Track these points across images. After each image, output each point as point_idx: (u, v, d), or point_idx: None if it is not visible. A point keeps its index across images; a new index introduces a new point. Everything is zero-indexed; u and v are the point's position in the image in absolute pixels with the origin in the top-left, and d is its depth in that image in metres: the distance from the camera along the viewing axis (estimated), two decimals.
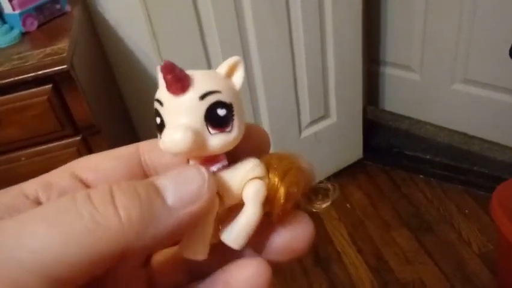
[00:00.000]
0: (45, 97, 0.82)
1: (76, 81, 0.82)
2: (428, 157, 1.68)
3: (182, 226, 0.18)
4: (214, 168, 0.20)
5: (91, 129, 0.89)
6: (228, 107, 0.19)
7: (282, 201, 0.20)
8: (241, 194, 0.20)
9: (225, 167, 0.20)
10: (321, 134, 1.53)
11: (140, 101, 1.39)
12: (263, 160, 0.21)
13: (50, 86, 0.82)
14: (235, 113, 0.19)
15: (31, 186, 0.20)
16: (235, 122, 0.19)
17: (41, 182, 0.20)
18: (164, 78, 0.19)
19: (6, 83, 0.79)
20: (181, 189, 0.18)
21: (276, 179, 0.20)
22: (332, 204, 1.60)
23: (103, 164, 0.22)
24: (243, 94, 1.18)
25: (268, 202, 0.20)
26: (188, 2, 1.09)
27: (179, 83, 0.19)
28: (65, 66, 0.80)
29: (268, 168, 0.20)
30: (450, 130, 1.70)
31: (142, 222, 0.16)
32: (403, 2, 1.61)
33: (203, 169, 0.18)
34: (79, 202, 0.16)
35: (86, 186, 0.21)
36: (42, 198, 0.19)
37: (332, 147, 1.59)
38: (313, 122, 1.50)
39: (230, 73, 0.20)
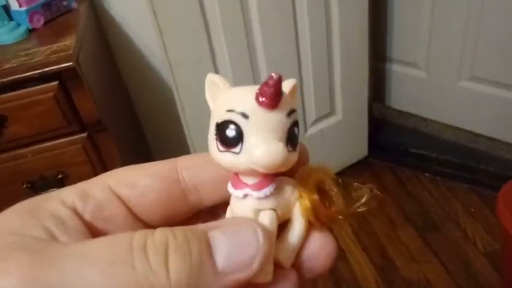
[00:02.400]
0: (51, 94, 0.82)
1: (82, 78, 0.83)
2: (434, 155, 1.67)
3: None
4: (274, 186, 0.20)
5: (97, 126, 0.90)
6: (299, 126, 0.19)
7: (326, 210, 0.20)
8: (287, 214, 0.20)
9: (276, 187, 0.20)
10: (326, 131, 1.53)
11: (146, 97, 1.40)
12: (300, 173, 0.21)
13: (56, 82, 0.82)
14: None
15: (69, 196, 0.20)
16: (298, 143, 0.20)
17: (79, 191, 0.20)
18: (267, 91, 0.18)
19: (13, 79, 0.80)
20: (234, 254, 0.17)
21: (315, 196, 0.20)
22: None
23: (140, 181, 0.21)
24: None
25: (313, 214, 0.20)
26: None
27: (278, 98, 0.18)
28: (71, 63, 0.80)
29: (307, 181, 0.20)
30: (456, 128, 1.70)
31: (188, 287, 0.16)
32: None
33: (260, 234, 0.18)
34: (136, 254, 0.16)
35: (121, 200, 0.21)
36: (80, 209, 0.20)
37: (337, 145, 1.58)
38: (318, 119, 1.50)
39: (290, 94, 0.21)
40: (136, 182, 0.21)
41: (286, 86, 0.20)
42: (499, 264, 1.26)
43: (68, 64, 0.80)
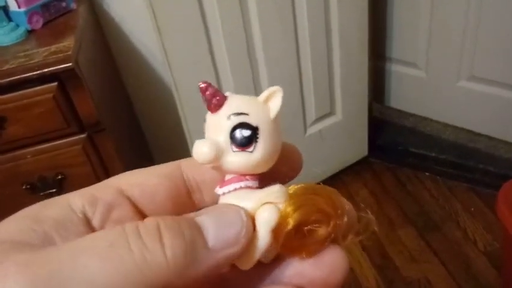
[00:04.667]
0: (50, 95, 0.82)
1: (81, 79, 0.83)
2: (433, 155, 1.67)
3: (218, 267, 0.18)
4: (236, 185, 0.21)
5: (96, 127, 0.90)
6: (253, 129, 0.21)
7: (286, 230, 0.20)
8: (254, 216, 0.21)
9: (248, 187, 0.21)
10: (326, 132, 1.53)
11: (145, 98, 1.40)
12: (289, 189, 0.21)
13: (55, 83, 0.82)
14: (260, 135, 0.21)
15: (78, 201, 0.20)
16: (259, 145, 0.21)
17: (87, 196, 0.21)
18: (204, 98, 0.21)
19: (12, 80, 0.80)
20: (221, 232, 0.19)
21: (289, 208, 0.20)
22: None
23: (148, 181, 0.22)
24: (248, 92, 1.17)
25: (276, 231, 0.20)
26: None
27: (212, 101, 0.21)
28: (70, 64, 0.80)
29: (289, 196, 0.21)
30: (456, 127, 1.70)
31: (184, 262, 0.17)
32: None
33: (243, 213, 0.20)
34: (130, 237, 0.17)
35: (131, 202, 0.22)
36: (89, 214, 0.20)
37: (337, 145, 1.58)
38: (318, 119, 1.50)
39: (267, 99, 0.22)
40: (146, 182, 0.22)
41: (265, 93, 0.22)
42: (499, 264, 1.26)
43: (67, 65, 0.80)
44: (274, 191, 0.21)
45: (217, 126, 0.21)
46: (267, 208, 0.20)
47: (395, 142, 1.76)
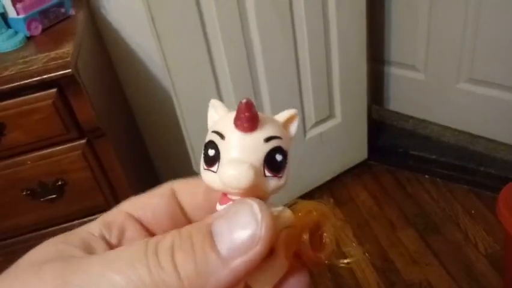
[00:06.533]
0: (50, 101, 0.82)
1: (80, 85, 0.83)
2: (433, 157, 1.67)
3: (238, 275, 0.18)
4: None
5: (96, 132, 0.90)
6: (285, 154, 0.20)
7: (310, 252, 0.20)
8: None
9: None
10: (326, 135, 1.53)
11: (144, 103, 1.40)
12: (292, 208, 0.21)
13: (55, 90, 0.82)
14: (288, 160, 0.20)
15: (95, 227, 0.22)
16: (286, 170, 0.20)
17: (103, 222, 0.23)
18: (239, 115, 0.19)
19: (12, 87, 0.80)
20: (234, 236, 0.18)
21: (304, 229, 0.20)
22: (337, 204, 1.60)
23: (149, 202, 0.24)
24: (248, 94, 1.17)
25: (296, 251, 0.20)
26: (192, 4, 1.09)
27: (252, 122, 0.19)
28: (69, 70, 0.80)
29: (296, 217, 0.21)
30: (455, 130, 1.70)
31: (198, 279, 0.17)
32: (407, 1, 1.61)
33: (257, 210, 0.18)
34: (149, 256, 0.18)
35: (139, 222, 0.24)
36: (107, 236, 0.22)
37: (336, 148, 1.58)
38: (318, 123, 1.50)
39: (287, 123, 0.21)
40: (147, 203, 0.24)
41: (284, 115, 0.21)
42: (500, 266, 1.26)
43: (66, 71, 0.80)
44: (286, 215, 0.20)
45: (251, 148, 0.19)
46: (283, 235, 0.20)
47: (395, 144, 1.76)
